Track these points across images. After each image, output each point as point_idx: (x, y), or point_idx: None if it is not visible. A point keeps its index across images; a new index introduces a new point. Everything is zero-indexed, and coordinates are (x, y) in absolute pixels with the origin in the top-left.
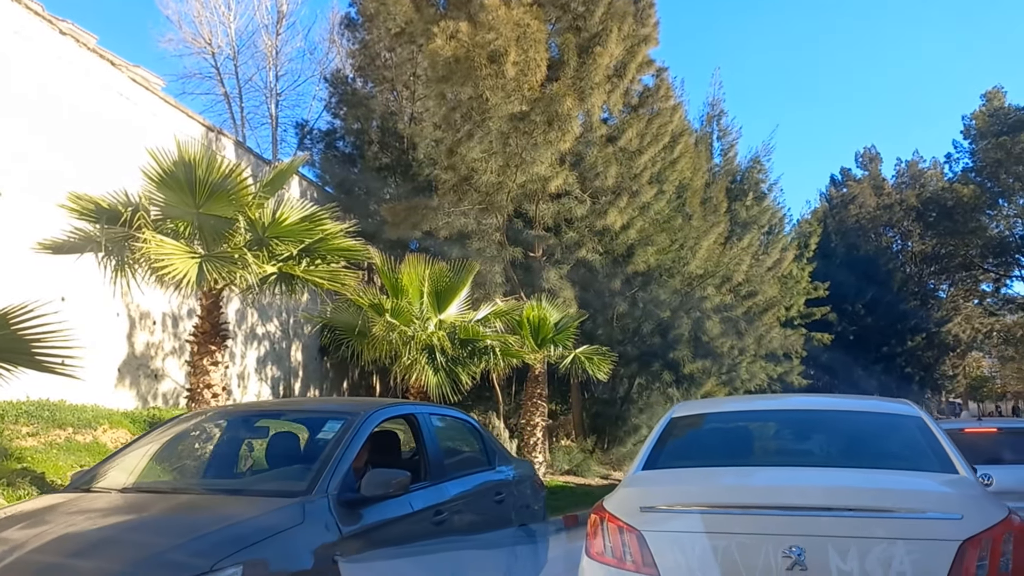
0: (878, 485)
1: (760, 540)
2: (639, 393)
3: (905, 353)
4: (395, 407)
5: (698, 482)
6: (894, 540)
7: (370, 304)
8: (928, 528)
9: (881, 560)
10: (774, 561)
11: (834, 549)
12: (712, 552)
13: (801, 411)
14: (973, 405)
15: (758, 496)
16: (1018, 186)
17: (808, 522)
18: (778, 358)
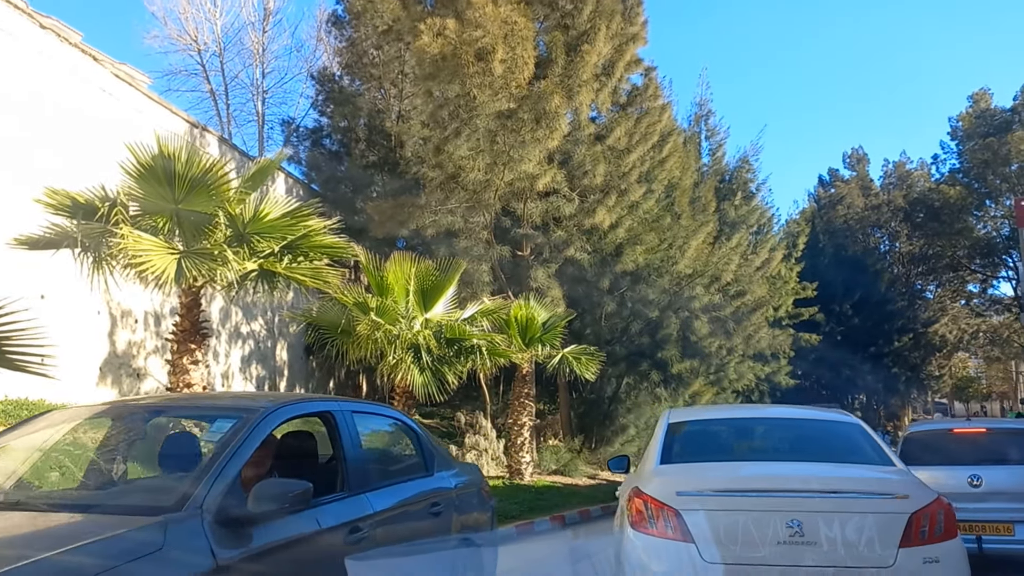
0: (851, 475)
1: (769, 515)
2: (627, 393)
3: (892, 353)
4: (303, 404)
5: (718, 473)
6: (865, 514)
7: (355, 302)
8: (888, 505)
9: (856, 528)
10: (780, 531)
11: (823, 521)
12: (734, 525)
13: (768, 418)
14: (959, 405)
15: (766, 483)
16: (1004, 187)
17: (804, 502)
18: (766, 358)
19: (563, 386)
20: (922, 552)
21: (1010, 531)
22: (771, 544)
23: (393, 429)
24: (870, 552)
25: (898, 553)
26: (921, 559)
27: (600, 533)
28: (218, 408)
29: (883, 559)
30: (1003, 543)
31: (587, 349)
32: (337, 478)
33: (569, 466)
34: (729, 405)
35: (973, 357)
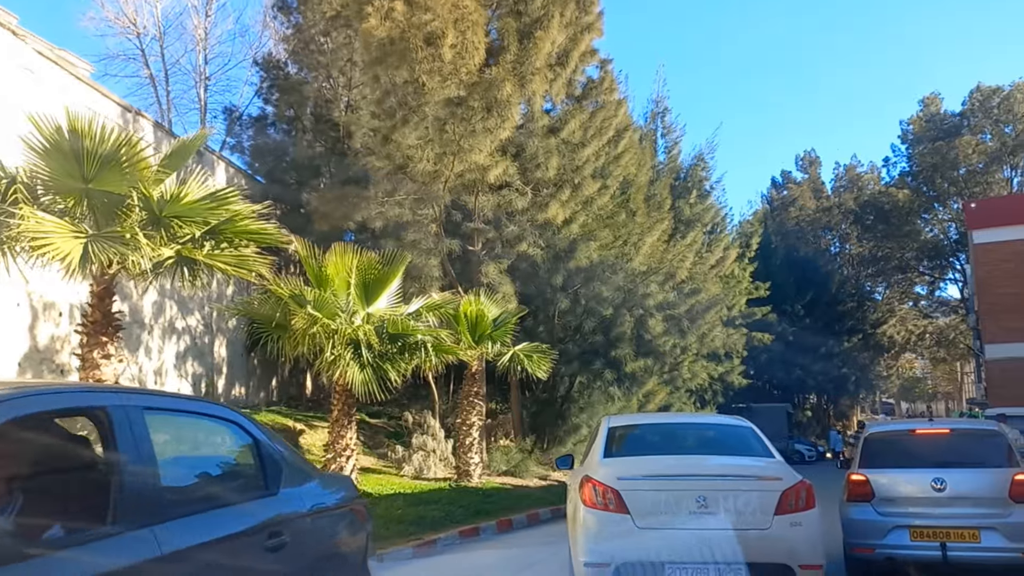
0: (743, 463)
1: (683, 493)
2: (580, 392)
3: (842, 353)
4: (49, 395)
5: (646, 463)
6: (751, 491)
7: (291, 295)
8: (768, 485)
9: (744, 502)
10: (691, 504)
11: (721, 497)
12: (658, 500)
13: (682, 423)
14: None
15: (681, 470)
16: (953, 191)
17: (708, 483)
18: (719, 358)
19: (515, 385)
20: (789, 518)
21: (976, 537)
22: (685, 514)
23: (217, 434)
24: (754, 519)
25: (773, 519)
26: (789, 523)
27: (548, 539)
28: None
29: (762, 523)
30: (969, 551)
31: (539, 347)
32: (107, 505)
33: (520, 467)
34: (652, 413)
35: (920, 358)
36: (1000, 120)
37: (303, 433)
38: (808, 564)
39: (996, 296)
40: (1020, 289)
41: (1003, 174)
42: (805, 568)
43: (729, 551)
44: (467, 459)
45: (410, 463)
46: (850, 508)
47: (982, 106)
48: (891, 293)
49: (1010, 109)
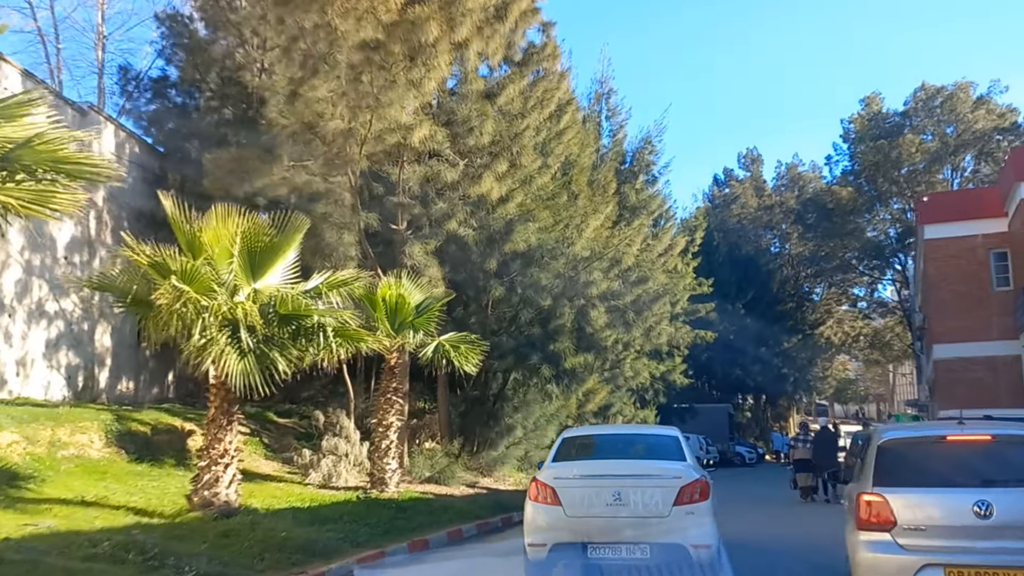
0: (651, 465)
1: (602, 489)
2: (515, 390)
3: (782, 354)
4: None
5: (578, 466)
6: (656, 487)
7: (151, 263)
8: (668, 482)
9: (650, 495)
10: (608, 498)
11: (632, 492)
12: (583, 495)
13: (617, 433)
14: (839, 407)
15: (601, 471)
16: (894, 190)
17: (622, 481)
18: (661, 356)
19: (442, 381)
20: (685, 508)
21: None
22: (603, 505)
23: None
24: (656, 509)
25: (672, 509)
26: (684, 512)
27: (470, 561)
28: None
29: (663, 512)
30: None
31: (467, 337)
32: None
33: (445, 473)
34: (603, 425)
35: (854, 360)
36: (943, 120)
37: (192, 435)
38: (699, 544)
39: (945, 294)
40: (970, 287)
41: (943, 175)
42: (696, 547)
43: (636, 534)
44: (383, 465)
45: (317, 469)
46: (862, 539)
47: (925, 105)
48: (829, 294)
49: (953, 109)
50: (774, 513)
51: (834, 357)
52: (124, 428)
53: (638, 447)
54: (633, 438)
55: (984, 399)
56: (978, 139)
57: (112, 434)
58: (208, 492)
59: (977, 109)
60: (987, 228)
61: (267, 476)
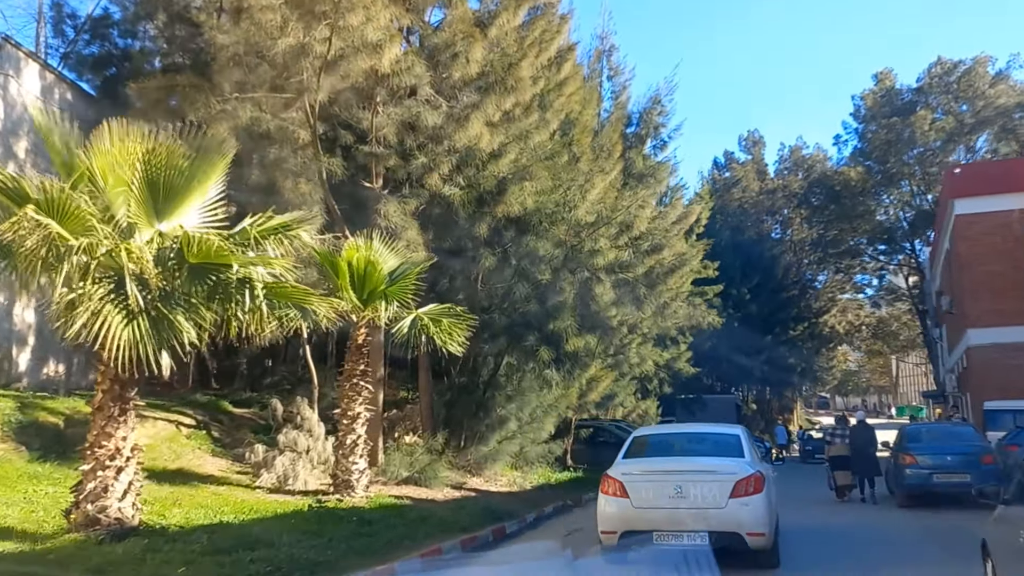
0: (709, 462)
1: (665, 484)
2: (508, 376)
3: (789, 342)
4: None
5: (644, 463)
6: (713, 482)
7: (3, 188)
8: (724, 477)
9: (708, 489)
10: (671, 491)
11: (691, 485)
12: (648, 489)
13: (687, 432)
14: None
15: (665, 468)
16: (906, 171)
17: (682, 476)
18: (665, 342)
19: (424, 367)
20: (741, 500)
21: None
22: (666, 498)
23: None
24: (714, 501)
25: (728, 501)
26: (739, 504)
27: None
28: None
29: (720, 503)
30: None
31: (451, 310)
32: None
33: (426, 473)
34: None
35: (856, 351)
36: (960, 96)
37: None
38: (753, 532)
39: (979, 275)
40: (1007, 267)
41: (957, 156)
42: (751, 535)
43: (696, 523)
44: (348, 465)
45: (271, 469)
46: None
47: (941, 81)
48: (833, 282)
49: (971, 84)
50: (814, 513)
51: (836, 347)
52: (29, 419)
53: (702, 445)
54: (698, 436)
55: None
56: (999, 115)
57: (11, 426)
58: (93, 506)
59: (996, 84)
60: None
61: (208, 477)
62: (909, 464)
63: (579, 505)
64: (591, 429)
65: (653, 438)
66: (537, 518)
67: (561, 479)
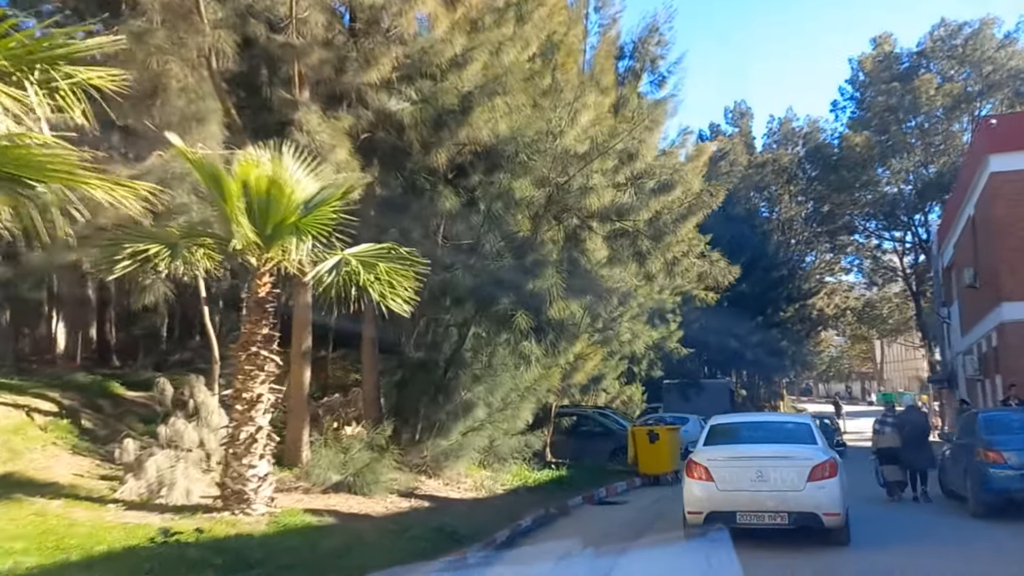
0: (788, 448)
1: (748, 469)
2: (476, 351)
3: (780, 324)
4: None
5: (727, 449)
6: (792, 467)
7: None
8: (802, 463)
9: (787, 473)
10: (752, 476)
11: (772, 471)
12: (731, 473)
13: (761, 422)
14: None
15: (747, 454)
16: (907, 140)
17: (762, 462)
18: (655, 321)
19: (369, 337)
20: (817, 484)
21: None
22: (748, 481)
23: None
24: (792, 484)
25: (806, 484)
26: (816, 487)
27: None
28: None
29: (798, 487)
30: None
31: (392, 250)
32: None
33: (365, 476)
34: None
35: (840, 336)
36: (966, 60)
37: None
38: (829, 512)
39: (1018, 241)
40: None
41: (962, 124)
42: (827, 515)
43: (776, 505)
44: (241, 470)
45: (141, 474)
46: None
47: (944, 44)
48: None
49: (977, 48)
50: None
51: (823, 332)
52: None
53: (776, 432)
54: (771, 425)
55: None
56: (1011, 78)
57: None
58: None
59: (1004, 48)
60: None
61: (49, 486)
62: (994, 462)
63: (565, 514)
64: (574, 418)
65: (731, 427)
66: (512, 535)
67: (540, 479)
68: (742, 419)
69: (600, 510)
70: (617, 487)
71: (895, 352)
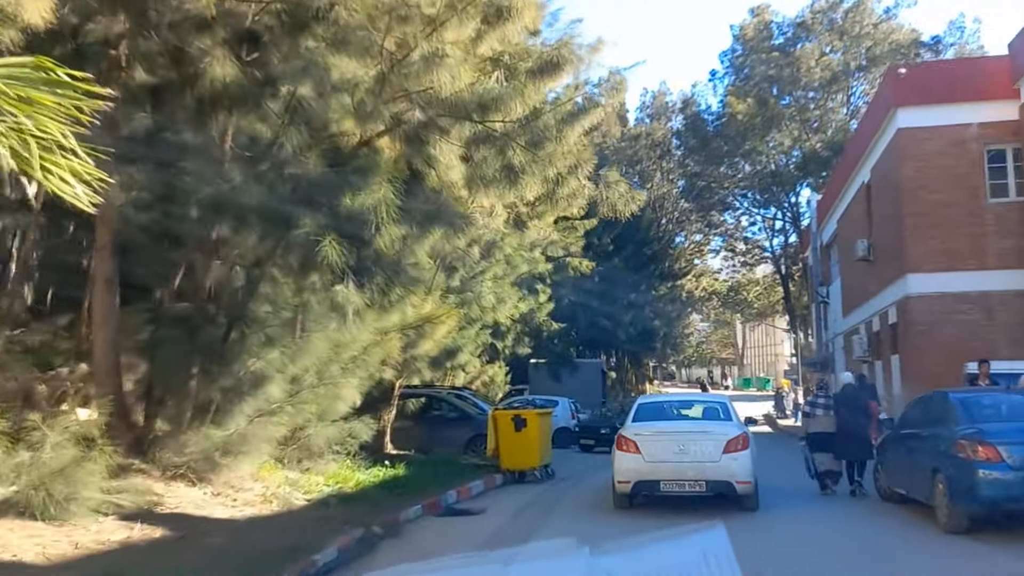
0: (706, 424)
1: (671, 442)
2: (273, 303)
3: (653, 303)
4: None
5: (653, 425)
6: (710, 440)
7: None
8: (718, 436)
9: (705, 446)
10: (675, 448)
11: (692, 444)
12: (657, 446)
13: (683, 400)
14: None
15: (671, 429)
16: (787, 114)
17: (684, 436)
18: (524, 291)
19: (102, 276)
20: (731, 455)
21: None
22: (671, 453)
23: None
24: (710, 456)
25: (722, 456)
26: (731, 459)
27: None
28: None
29: (715, 458)
30: None
31: (47, 71)
32: None
33: (54, 487)
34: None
35: (704, 321)
36: (846, 33)
37: None
38: (741, 480)
39: (927, 206)
40: (958, 197)
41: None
42: (740, 483)
43: (695, 474)
44: None
45: None
46: None
47: (824, 17)
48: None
49: (858, 21)
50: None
51: (691, 315)
52: None
53: (696, 410)
54: (693, 403)
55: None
56: (893, 52)
57: None
58: None
59: (884, 22)
60: (984, 114)
61: None
62: (986, 460)
63: (393, 533)
64: (424, 400)
65: (656, 405)
66: None
67: (367, 481)
68: (667, 398)
69: (445, 524)
70: (472, 488)
71: (756, 338)
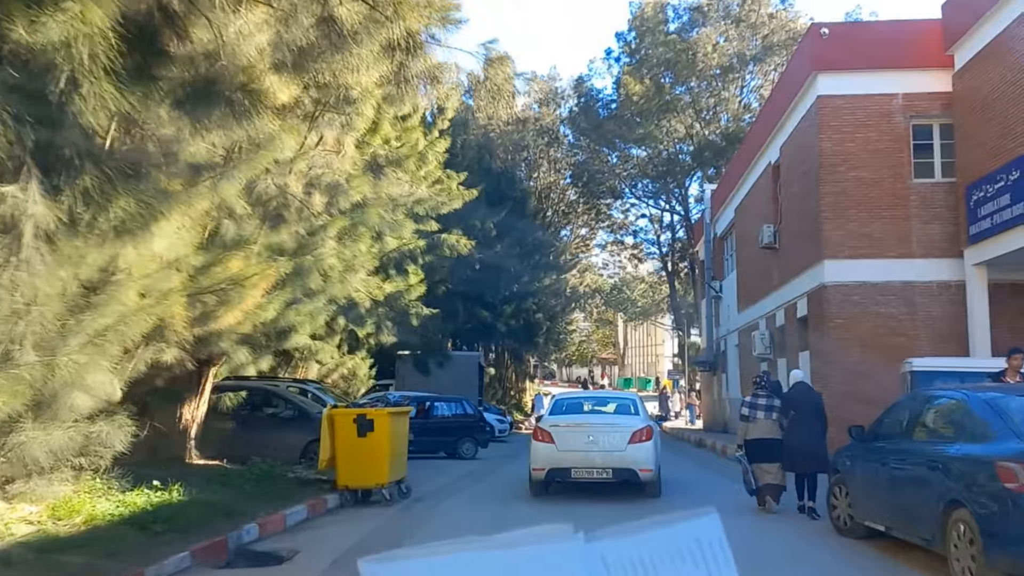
0: (613, 417)
1: (582, 433)
2: None
3: (535, 294)
4: None
5: (566, 418)
6: (616, 432)
7: None
8: (623, 429)
9: (613, 437)
10: (586, 439)
11: (601, 435)
12: (569, 436)
13: (597, 396)
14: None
15: (582, 421)
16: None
17: (594, 428)
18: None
19: None
20: (636, 445)
21: None
22: (581, 443)
23: None
24: (616, 446)
25: (627, 446)
26: (635, 448)
27: None
28: None
29: (621, 448)
30: None
31: None
32: None
33: None
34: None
35: (587, 319)
36: (741, 21)
37: None
38: (644, 468)
39: (849, 184)
40: (882, 175)
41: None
42: (642, 471)
43: (603, 462)
44: None
45: None
46: None
47: (720, 4)
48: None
49: (754, 9)
50: None
51: (574, 311)
52: None
53: (608, 406)
54: (605, 399)
55: (894, 348)
56: (792, 40)
57: None
58: None
59: (781, 12)
60: (912, 84)
61: None
62: None
63: None
64: (250, 394)
65: (571, 400)
66: None
67: (108, 514)
68: (582, 395)
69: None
70: (287, 516)
71: (637, 338)
